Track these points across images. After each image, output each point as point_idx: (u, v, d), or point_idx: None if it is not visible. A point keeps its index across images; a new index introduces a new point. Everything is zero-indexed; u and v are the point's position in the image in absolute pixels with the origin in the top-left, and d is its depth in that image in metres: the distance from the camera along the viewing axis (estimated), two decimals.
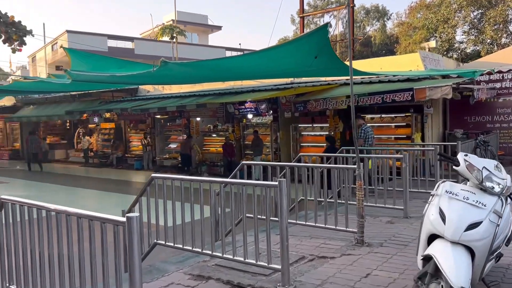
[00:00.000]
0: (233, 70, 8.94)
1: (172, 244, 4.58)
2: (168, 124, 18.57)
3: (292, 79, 13.24)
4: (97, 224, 2.86)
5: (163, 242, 4.69)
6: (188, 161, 16.29)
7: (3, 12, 11.05)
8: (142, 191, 4.83)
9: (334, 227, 5.25)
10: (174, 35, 28.26)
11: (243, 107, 14.51)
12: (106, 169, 18.46)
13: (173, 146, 18.12)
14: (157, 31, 31.16)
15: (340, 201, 5.72)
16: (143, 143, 17.64)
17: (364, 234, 5.05)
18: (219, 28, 44.38)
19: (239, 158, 15.49)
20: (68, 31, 30.31)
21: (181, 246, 4.50)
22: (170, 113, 17.05)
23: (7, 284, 3.62)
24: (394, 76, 10.79)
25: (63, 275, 3.19)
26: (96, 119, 20.03)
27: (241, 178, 6.22)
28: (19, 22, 11.53)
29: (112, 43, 31.62)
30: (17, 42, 11.82)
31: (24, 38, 11.79)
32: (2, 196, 3.59)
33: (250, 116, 15.06)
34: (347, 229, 5.16)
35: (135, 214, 2.54)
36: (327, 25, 5.52)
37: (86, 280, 3.00)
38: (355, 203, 5.05)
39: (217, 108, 15.71)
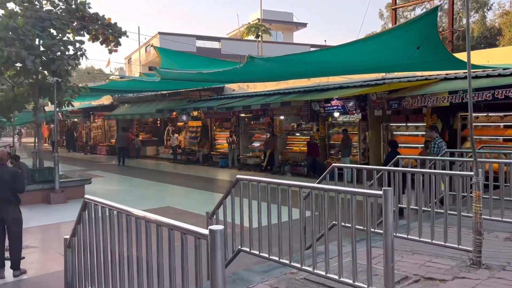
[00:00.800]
0: (320, 64, 8.42)
1: (257, 253, 4.21)
2: (252, 122, 18.50)
3: (383, 74, 12.32)
4: (177, 234, 2.55)
5: (248, 250, 4.34)
6: (271, 160, 16.05)
7: (101, 15, 11.66)
8: (227, 193, 4.53)
9: (442, 243, 4.50)
10: (259, 33, 28.29)
11: (329, 105, 13.86)
12: (193, 166, 18.93)
13: (256, 144, 18.01)
14: (243, 31, 31.52)
15: (438, 210, 4.95)
16: (229, 141, 17.74)
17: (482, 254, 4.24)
18: (304, 25, 43.79)
19: (324, 158, 14.86)
20: (160, 33, 31.93)
21: (266, 255, 4.11)
22: (254, 111, 16.94)
23: (89, 286, 3.52)
24: (504, 69, 9.43)
25: (141, 279, 2.96)
26: (184, 117, 20.69)
27: (331, 180, 5.70)
28: (115, 24, 12.11)
29: (200, 43, 32.68)
30: (113, 43, 12.45)
31: (120, 39, 12.40)
32: (86, 196, 3.49)
33: (336, 114, 14.34)
34: (460, 246, 4.38)
35: (219, 227, 2.17)
36: (436, 8, 4.78)
37: (164, 286, 2.72)
38: (466, 214, 4.26)
39: (302, 106, 15.23)
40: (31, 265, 5.96)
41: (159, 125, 26.24)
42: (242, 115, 18.17)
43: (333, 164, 5.56)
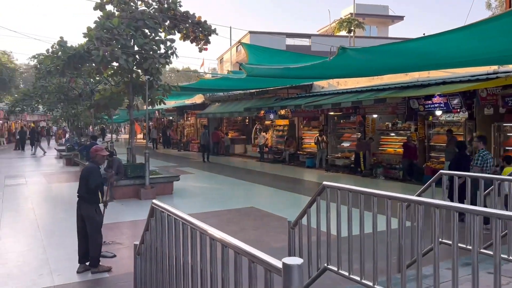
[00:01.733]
0: (421, 56, 7.39)
1: (347, 274, 3.57)
2: (342, 121, 17.57)
3: (495, 67, 10.73)
4: (245, 259, 2.05)
5: (336, 269, 3.72)
6: (360, 162, 15.04)
7: (191, 13, 11.74)
8: (312, 201, 3.95)
9: None
10: (352, 28, 27.02)
11: (429, 102, 12.49)
12: (279, 166, 18.56)
13: (345, 144, 17.04)
14: (334, 26, 30.42)
15: None
16: (318, 140, 17.01)
17: None
18: (400, 18, 41.13)
19: (422, 161, 13.49)
20: (250, 32, 32.17)
21: (358, 278, 3.45)
22: (344, 109, 16.03)
23: None
24: None
25: None
26: (271, 116, 20.41)
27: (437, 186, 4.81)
28: (205, 22, 12.11)
29: (289, 41, 32.30)
30: (203, 42, 12.50)
31: (209, 37, 12.41)
32: (154, 201, 3.16)
33: (438, 113, 12.87)
34: None
35: (296, 261, 1.64)
36: None
37: None
38: None
39: (398, 103, 13.98)
40: (113, 263, 5.96)
41: (247, 123, 26.38)
42: (331, 113, 17.34)
43: (441, 171, 4.67)
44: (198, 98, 27.23)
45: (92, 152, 5.88)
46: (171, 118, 34.70)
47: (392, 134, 15.47)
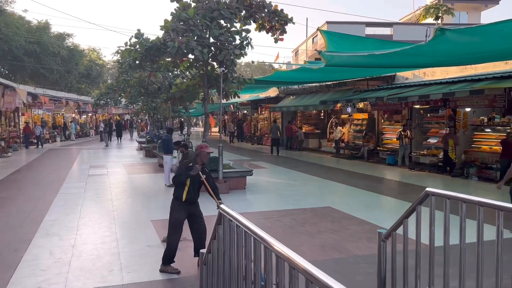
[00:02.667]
0: None
1: None
2: (429, 115, 16.08)
3: None
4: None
5: None
6: (449, 160, 13.61)
7: (267, 2, 11.26)
8: (410, 210, 3.25)
9: None
10: (440, 14, 24.83)
11: None
12: (356, 162, 17.56)
13: (432, 141, 15.56)
14: (418, 13, 28.26)
15: None
16: (400, 135, 15.74)
17: None
18: (495, 2, 37.22)
19: None
20: (328, 22, 31.04)
21: None
22: (431, 102, 14.60)
23: None
24: None
25: None
26: (349, 109, 19.40)
27: None
28: (281, 10, 11.57)
29: (369, 30, 30.65)
30: (279, 31, 11.99)
31: (286, 27, 11.86)
32: (222, 206, 2.69)
33: None
34: None
35: None
36: None
37: None
38: None
39: (496, 95, 12.40)
40: (185, 262, 5.69)
41: (322, 117, 25.51)
42: (417, 106, 15.93)
43: None
44: (272, 92, 26.87)
45: (197, 148, 5.63)
46: (245, 112, 34.81)
47: (488, 130, 13.77)
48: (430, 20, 27.55)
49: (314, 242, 6.53)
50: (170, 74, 20.55)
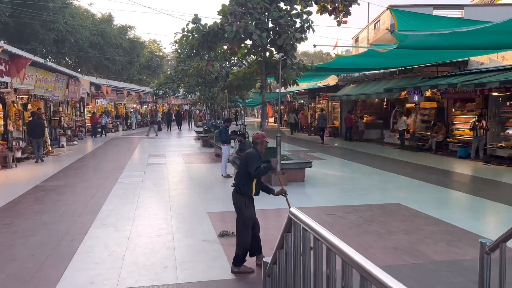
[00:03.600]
0: None
1: None
2: (508, 103, 14.49)
3: None
4: None
5: None
6: None
7: None
8: None
9: None
10: None
11: None
12: (423, 154, 16.32)
13: None
14: None
15: None
16: (475, 126, 14.32)
17: None
18: None
19: None
20: (391, 6, 29.21)
21: None
22: None
23: None
24: None
25: None
26: (415, 98, 18.09)
27: None
28: None
29: (437, 13, 28.50)
30: (343, 13, 11.17)
31: (350, 8, 11.04)
32: (292, 210, 2.17)
33: None
34: None
35: None
36: None
37: None
38: None
39: None
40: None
41: (385, 106, 24.15)
42: (494, 94, 14.42)
43: None
44: (331, 80, 25.86)
45: (254, 137, 5.21)
46: (302, 101, 33.96)
47: None
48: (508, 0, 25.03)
49: (385, 244, 5.84)
50: (227, 63, 20.32)
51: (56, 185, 10.53)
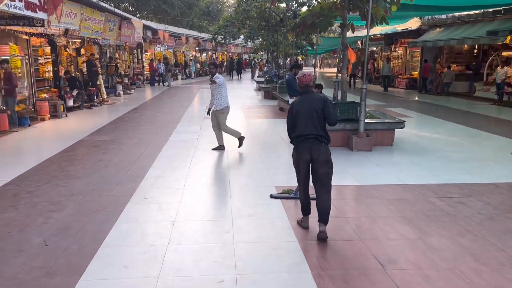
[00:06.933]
0: None
1: None
2: None
3: None
4: None
5: None
6: None
7: None
8: None
9: None
10: None
11: None
12: None
13: None
14: None
15: None
16: None
17: None
18: None
19: None
20: None
21: None
22: None
23: None
24: None
25: None
26: None
27: None
28: None
29: None
30: None
31: None
32: None
33: None
34: None
35: None
36: None
37: None
38: None
39: None
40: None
41: (475, 54, 20.60)
42: None
43: None
44: (413, 23, 22.42)
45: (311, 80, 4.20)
46: (374, 48, 30.52)
47: None
48: None
49: None
50: (294, 2, 17.88)
51: (102, 140, 9.30)
